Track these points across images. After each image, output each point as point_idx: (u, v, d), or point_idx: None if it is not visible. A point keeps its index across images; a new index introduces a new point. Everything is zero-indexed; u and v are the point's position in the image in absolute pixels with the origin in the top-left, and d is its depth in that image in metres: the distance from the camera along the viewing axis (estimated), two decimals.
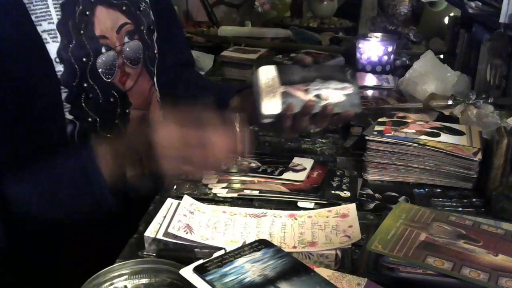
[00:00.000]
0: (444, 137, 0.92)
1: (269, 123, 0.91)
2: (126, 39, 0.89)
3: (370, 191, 0.88)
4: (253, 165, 0.93)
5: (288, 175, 0.90)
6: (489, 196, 0.84)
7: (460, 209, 0.83)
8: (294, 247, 0.69)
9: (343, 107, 0.89)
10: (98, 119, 0.86)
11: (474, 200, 0.86)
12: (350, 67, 0.96)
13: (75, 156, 0.77)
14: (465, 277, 0.57)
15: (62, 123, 0.82)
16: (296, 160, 0.95)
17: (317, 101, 0.88)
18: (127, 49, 0.89)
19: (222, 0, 2.51)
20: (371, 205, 0.84)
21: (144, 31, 0.94)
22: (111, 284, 0.62)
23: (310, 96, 0.88)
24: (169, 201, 0.79)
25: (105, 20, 0.85)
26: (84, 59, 0.81)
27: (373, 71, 1.55)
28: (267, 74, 0.90)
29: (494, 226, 0.70)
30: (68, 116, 0.82)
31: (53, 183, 0.76)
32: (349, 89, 0.90)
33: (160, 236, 0.70)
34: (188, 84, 1.11)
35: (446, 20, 1.89)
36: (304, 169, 0.92)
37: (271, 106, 0.88)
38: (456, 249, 0.62)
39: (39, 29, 0.77)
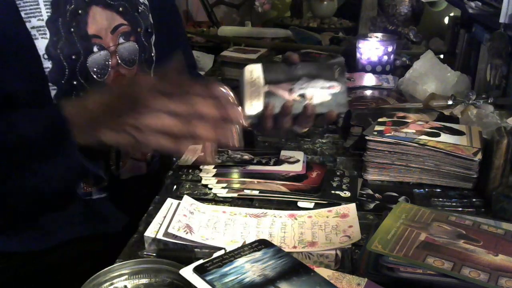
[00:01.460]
0: (444, 137, 0.92)
1: (253, 123, 0.89)
2: (121, 40, 0.89)
3: (370, 191, 0.88)
4: (246, 157, 0.93)
5: (285, 167, 0.91)
6: (489, 196, 0.84)
7: (460, 209, 0.83)
8: (294, 247, 0.69)
9: (328, 106, 0.86)
10: None
11: (474, 200, 0.86)
12: (339, 65, 0.92)
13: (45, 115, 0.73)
14: (465, 277, 0.57)
15: None
16: (286, 153, 0.96)
17: (299, 100, 0.85)
18: (122, 50, 0.89)
19: (222, 0, 2.51)
20: (371, 205, 0.84)
21: (141, 33, 0.94)
22: (111, 284, 0.62)
23: (294, 96, 0.86)
24: (169, 201, 0.79)
25: (100, 20, 0.85)
26: (74, 57, 0.81)
27: (373, 71, 1.55)
28: (252, 73, 0.88)
29: (494, 226, 0.70)
30: None
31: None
32: (336, 88, 0.87)
33: (160, 236, 0.70)
34: None
35: (446, 20, 1.89)
36: (298, 160, 0.93)
37: (253, 106, 0.85)
38: (456, 249, 0.62)
39: (28, 25, 0.77)
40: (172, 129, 0.66)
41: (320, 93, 0.87)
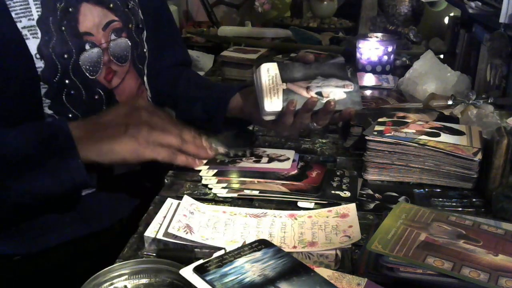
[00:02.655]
0: (444, 137, 0.92)
1: (271, 121, 0.91)
2: (112, 37, 0.88)
3: (370, 191, 0.88)
4: (239, 153, 0.95)
5: (275, 164, 0.93)
6: (489, 196, 0.84)
7: (460, 209, 0.83)
8: (294, 247, 0.69)
9: (344, 104, 0.90)
10: (79, 115, 0.86)
11: (474, 200, 0.86)
12: (350, 65, 0.96)
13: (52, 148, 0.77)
14: (465, 277, 0.57)
15: (40, 117, 0.82)
16: (278, 151, 0.99)
17: (319, 98, 0.88)
18: (114, 46, 0.89)
19: (222, 0, 2.51)
20: (371, 205, 0.84)
21: (133, 29, 0.93)
22: (111, 284, 0.62)
23: (312, 93, 0.89)
24: (169, 201, 0.79)
25: (91, 17, 0.85)
26: (66, 56, 0.81)
27: (373, 71, 1.55)
28: (268, 71, 0.90)
29: (494, 226, 0.70)
30: (47, 111, 0.82)
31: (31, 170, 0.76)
32: (350, 86, 0.91)
33: (160, 236, 0.70)
34: (188, 83, 1.11)
35: (446, 20, 1.89)
36: (288, 158, 0.96)
37: (273, 103, 0.88)
38: (456, 249, 0.62)
39: (19, 25, 0.77)
40: (172, 143, 0.83)
41: (335, 91, 0.89)
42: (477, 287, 0.57)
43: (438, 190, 0.89)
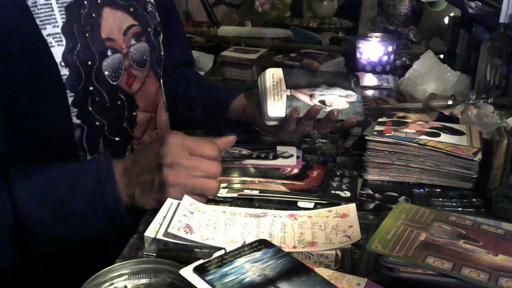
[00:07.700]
0: (444, 137, 0.92)
1: (273, 126, 0.91)
2: (132, 41, 0.88)
3: (370, 191, 0.88)
4: (244, 152, 0.94)
5: (280, 161, 0.94)
6: (489, 196, 0.84)
7: (460, 209, 0.83)
8: (294, 247, 0.69)
9: (346, 114, 0.90)
10: (105, 123, 0.85)
11: (474, 200, 0.86)
12: (354, 75, 0.96)
13: (91, 170, 0.76)
14: (465, 277, 0.57)
15: (70, 128, 0.81)
16: (280, 148, 0.99)
17: (322, 106, 0.88)
18: (134, 51, 0.89)
19: (222, 0, 2.51)
20: (371, 205, 0.84)
21: (151, 33, 0.93)
22: (111, 284, 0.62)
23: (315, 101, 0.89)
24: (169, 201, 0.79)
25: (112, 22, 0.85)
26: (89, 62, 0.81)
27: (373, 71, 1.55)
28: (273, 76, 0.91)
29: (494, 226, 0.70)
30: (76, 120, 0.82)
31: (67, 196, 0.75)
32: (353, 96, 0.91)
33: (160, 236, 0.70)
34: (189, 84, 1.11)
35: (446, 20, 1.89)
36: (292, 155, 0.95)
37: (276, 108, 0.88)
38: (456, 249, 0.62)
39: (44, 33, 0.76)
40: (196, 187, 0.77)
41: (338, 100, 0.89)
42: (477, 287, 0.57)
43: (438, 190, 0.89)
